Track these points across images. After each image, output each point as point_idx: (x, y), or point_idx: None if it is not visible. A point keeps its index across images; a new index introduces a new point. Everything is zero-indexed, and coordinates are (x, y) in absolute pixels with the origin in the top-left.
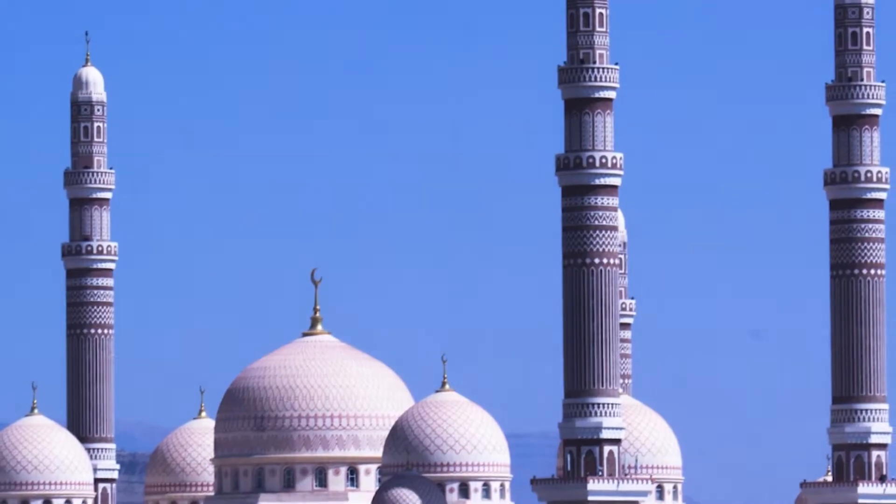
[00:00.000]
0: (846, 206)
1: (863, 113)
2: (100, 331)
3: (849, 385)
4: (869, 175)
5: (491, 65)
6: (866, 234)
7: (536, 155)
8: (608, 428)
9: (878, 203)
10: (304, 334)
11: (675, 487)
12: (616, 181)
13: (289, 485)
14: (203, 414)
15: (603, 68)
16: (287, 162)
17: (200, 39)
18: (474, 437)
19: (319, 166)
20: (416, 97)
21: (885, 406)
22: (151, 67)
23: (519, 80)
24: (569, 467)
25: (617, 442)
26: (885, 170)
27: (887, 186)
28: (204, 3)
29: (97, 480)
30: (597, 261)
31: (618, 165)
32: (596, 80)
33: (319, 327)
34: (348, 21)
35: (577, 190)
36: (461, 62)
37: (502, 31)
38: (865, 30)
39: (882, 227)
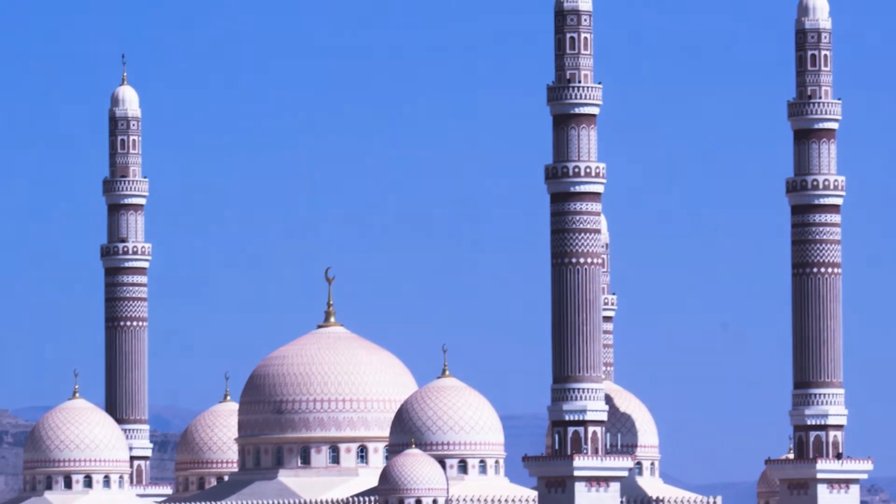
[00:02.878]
0: (806, 211)
1: (821, 127)
2: (135, 323)
3: (808, 372)
4: (826, 183)
5: (489, 84)
6: (824, 237)
7: (528, 165)
8: (592, 410)
9: (834, 208)
10: (319, 326)
11: (652, 464)
12: (599, 188)
13: (305, 461)
14: (228, 398)
15: (587, 87)
16: (302, 172)
17: (223, 59)
18: (472, 419)
19: (331, 177)
20: (422, 116)
21: (840, 391)
22: (181, 86)
23: (513, 97)
24: (556, 446)
25: (600, 423)
26: (840, 178)
27: (843, 194)
28: (228, 27)
29: (132, 458)
30: (581, 260)
31: (600, 174)
32: (581, 98)
33: (332, 320)
34: (362, 42)
35: (564, 197)
36: (463, 82)
37: (499, 54)
38: (823, 52)
39: (838, 230)
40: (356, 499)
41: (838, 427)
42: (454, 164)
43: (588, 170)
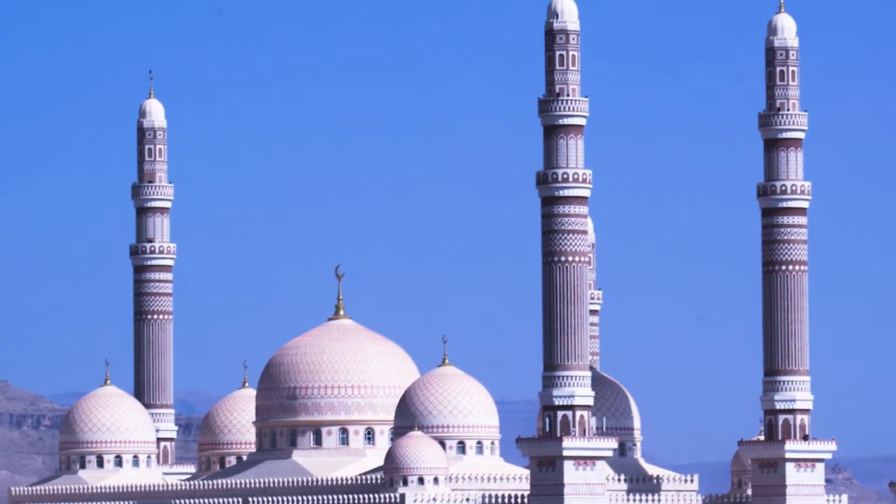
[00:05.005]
0: (775, 213)
1: (789, 137)
2: (161, 316)
3: (777, 361)
4: (794, 188)
5: (486, 97)
6: (791, 237)
7: (521, 171)
8: (579, 396)
9: (801, 211)
10: (329, 319)
11: (634, 445)
12: (585, 193)
13: (317, 443)
14: (246, 385)
15: (575, 100)
16: (314, 180)
17: (240, 74)
18: (469, 404)
19: (341, 183)
20: (423, 127)
21: (807, 378)
22: (203, 99)
23: (508, 110)
24: (547, 429)
25: (587, 407)
26: (807, 184)
27: (809, 197)
28: (244, 43)
29: (159, 439)
30: (570, 259)
31: (587, 180)
32: (569, 110)
33: (342, 313)
34: (375, 56)
35: (554, 200)
36: (463, 95)
37: (496, 71)
38: (791, 68)
39: (804, 230)
40: (364, 477)
41: (805, 411)
42: (454, 171)
43: (576, 176)
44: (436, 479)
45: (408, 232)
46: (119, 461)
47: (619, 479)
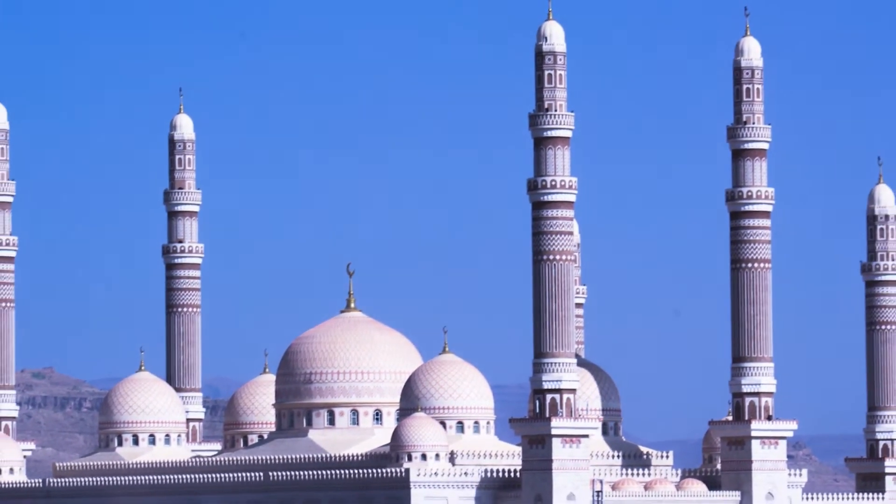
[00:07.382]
0: (741, 216)
1: (754, 147)
2: (190, 309)
3: (744, 348)
4: (759, 193)
5: (483, 113)
6: (756, 237)
7: (514, 179)
8: (566, 381)
9: (765, 214)
10: (342, 311)
11: (615, 425)
12: (571, 198)
13: (331, 423)
14: (267, 371)
15: (562, 114)
16: (328, 186)
17: (262, 91)
18: (467, 388)
19: (353, 189)
20: (427, 141)
21: (770, 365)
22: (228, 114)
23: (501, 123)
24: (537, 410)
25: (573, 391)
26: (770, 190)
27: (772, 202)
28: (264, 64)
29: (188, 420)
30: (557, 257)
31: (573, 186)
32: (556, 124)
33: (353, 306)
34: (385, 73)
35: (543, 205)
36: (464, 114)
37: (492, 88)
38: (756, 86)
39: (768, 232)
40: (373, 453)
41: (769, 394)
42: (454, 178)
43: (562, 182)
44: (437, 456)
45: (412, 233)
46: (152, 439)
47: (615, 456)
